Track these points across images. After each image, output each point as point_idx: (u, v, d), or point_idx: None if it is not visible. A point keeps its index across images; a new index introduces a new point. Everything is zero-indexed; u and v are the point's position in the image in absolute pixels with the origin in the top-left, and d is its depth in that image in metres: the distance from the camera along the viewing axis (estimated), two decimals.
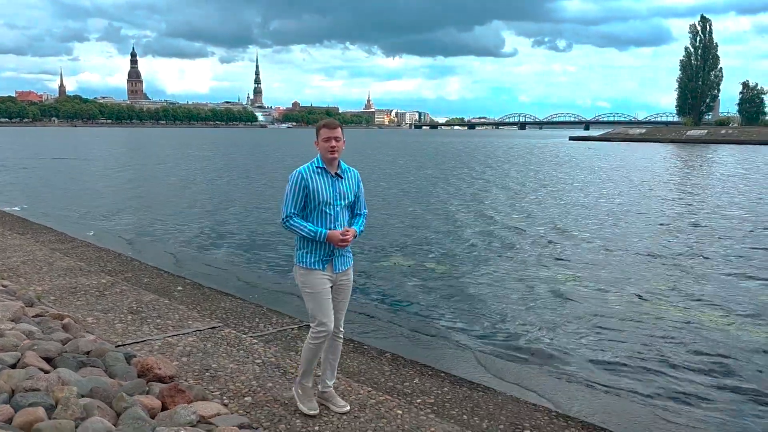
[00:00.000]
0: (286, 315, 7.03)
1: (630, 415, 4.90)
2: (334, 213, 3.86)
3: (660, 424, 4.77)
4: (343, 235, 3.81)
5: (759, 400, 5.17)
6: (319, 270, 3.86)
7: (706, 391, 5.38)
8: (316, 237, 3.80)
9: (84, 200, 19.20)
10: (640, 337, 6.76)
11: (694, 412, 5.01)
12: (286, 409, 4.12)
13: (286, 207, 3.85)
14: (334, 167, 3.90)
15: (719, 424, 4.77)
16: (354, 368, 5.45)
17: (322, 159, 3.88)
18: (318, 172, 3.86)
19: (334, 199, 3.85)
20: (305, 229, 3.81)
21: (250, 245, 12.04)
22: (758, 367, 5.87)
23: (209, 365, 4.86)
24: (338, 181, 3.90)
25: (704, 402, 5.18)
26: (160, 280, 8.32)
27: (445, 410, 4.60)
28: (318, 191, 3.81)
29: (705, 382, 5.59)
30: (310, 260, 3.87)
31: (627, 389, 5.39)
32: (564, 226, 14.60)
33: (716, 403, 5.14)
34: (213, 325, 5.96)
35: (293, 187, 3.83)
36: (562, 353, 6.25)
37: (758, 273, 9.85)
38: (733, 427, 4.75)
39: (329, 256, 3.88)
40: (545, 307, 7.91)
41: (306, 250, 3.88)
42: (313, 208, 3.84)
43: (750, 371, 5.79)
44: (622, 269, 10.08)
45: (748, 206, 18.58)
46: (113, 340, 5.37)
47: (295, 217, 3.84)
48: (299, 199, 3.82)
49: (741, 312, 7.72)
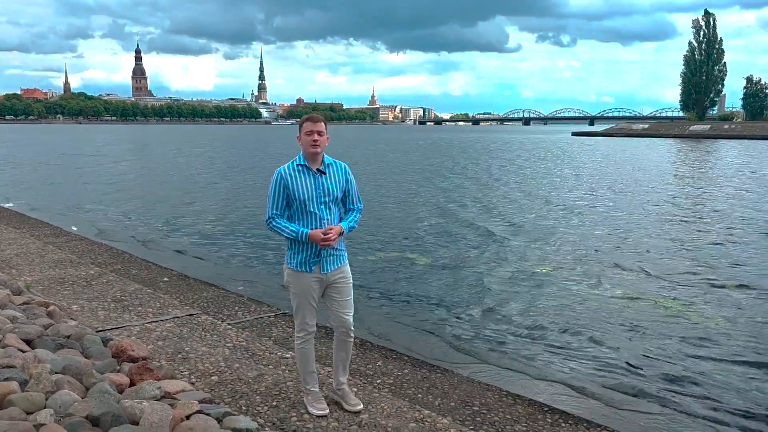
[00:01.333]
0: (264, 303, 7.34)
1: (577, 395, 5.19)
2: (319, 211, 3.75)
3: (605, 401, 5.06)
4: (324, 234, 3.69)
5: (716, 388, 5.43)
6: (305, 272, 3.79)
7: (644, 363, 5.66)
8: (297, 237, 3.73)
9: (84, 196, 19.54)
10: (599, 325, 7.03)
11: (636, 388, 5.28)
12: (248, 387, 4.42)
13: (269, 208, 3.80)
14: (316, 162, 3.79)
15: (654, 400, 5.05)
16: (322, 352, 5.74)
17: (303, 155, 3.79)
18: (299, 170, 3.77)
19: (317, 197, 3.75)
20: (287, 230, 3.74)
21: (240, 239, 12.35)
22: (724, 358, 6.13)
23: (182, 348, 5.16)
24: (321, 178, 3.78)
25: (639, 376, 5.46)
26: (147, 272, 8.64)
27: (401, 389, 4.90)
28: (298, 190, 3.73)
29: (645, 353, 5.87)
30: (296, 261, 3.81)
31: (581, 374, 5.66)
32: (521, 219, 14.87)
33: (648, 372, 5.42)
34: (191, 313, 6.27)
35: (274, 187, 3.78)
36: (524, 340, 6.54)
37: (745, 268, 10.08)
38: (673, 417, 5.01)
39: (317, 256, 3.79)
40: (513, 297, 8.19)
41: (293, 251, 3.82)
42: (296, 209, 3.77)
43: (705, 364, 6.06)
44: (590, 261, 10.34)
45: (735, 200, 18.78)
46: (94, 325, 5.67)
47: (277, 218, 3.78)
48: (280, 199, 3.77)
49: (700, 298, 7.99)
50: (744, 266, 9.97)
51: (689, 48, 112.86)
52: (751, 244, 11.92)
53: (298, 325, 3.96)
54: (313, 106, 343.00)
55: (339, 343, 4.02)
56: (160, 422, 3.47)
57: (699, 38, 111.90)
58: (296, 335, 3.99)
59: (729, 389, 5.33)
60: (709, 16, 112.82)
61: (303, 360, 4.01)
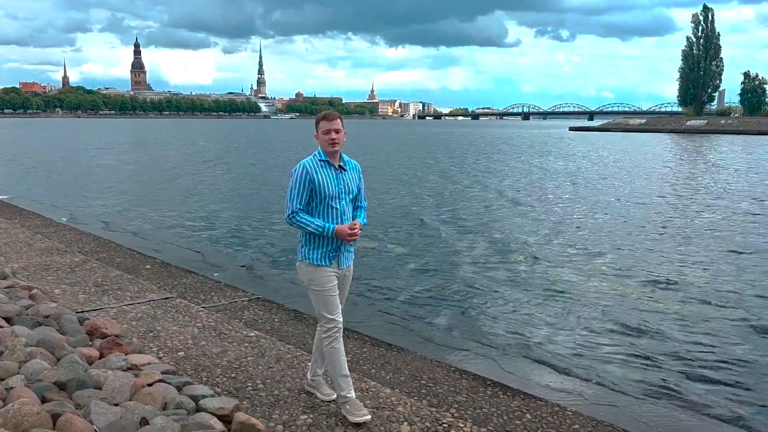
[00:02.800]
0: (240, 289, 7.71)
1: (518, 370, 5.57)
2: (341, 207, 3.75)
3: (543, 376, 5.44)
4: (351, 229, 3.70)
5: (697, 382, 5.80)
6: (326, 266, 3.75)
7: (603, 348, 6.03)
8: (323, 233, 3.67)
9: (77, 188, 19.88)
10: (547, 305, 7.41)
11: (590, 369, 5.65)
12: (211, 361, 4.78)
13: (291, 202, 3.69)
14: (336, 160, 3.78)
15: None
16: (289, 332, 6.13)
17: (323, 152, 3.75)
18: (322, 165, 3.73)
19: (340, 192, 3.74)
20: (313, 225, 3.66)
21: (225, 229, 12.71)
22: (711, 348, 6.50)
23: (154, 327, 5.52)
24: (342, 174, 3.78)
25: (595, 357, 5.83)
26: (131, 260, 9.00)
27: (357, 366, 5.26)
28: (324, 185, 3.69)
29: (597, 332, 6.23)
30: (316, 256, 3.75)
31: (528, 351, 6.04)
32: (474, 211, 15.24)
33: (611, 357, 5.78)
34: (167, 296, 6.62)
35: (298, 181, 3.68)
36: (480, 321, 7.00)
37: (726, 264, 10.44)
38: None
39: (336, 251, 3.77)
40: (474, 282, 8.67)
41: (311, 246, 3.76)
42: (319, 203, 3.71)
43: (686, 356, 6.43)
44: (556, 251, 10.71)
45: (716, 193, 19.14)
46: (74, 307, 6.02)
47: (301, 213, 3.69)
48: (304, 193, 3.68)
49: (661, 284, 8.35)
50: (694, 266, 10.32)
51: (687, 43, 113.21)
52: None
53: (324, 323, 3.81)
54: (312, 101, 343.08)
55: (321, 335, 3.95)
56: (121, 388, 3.83)
57: (697, 33, 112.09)
58: (323, 335, 3.82)
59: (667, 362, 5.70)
60: (708, 11, 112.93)
61: (334, 361, 3.79)
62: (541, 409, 4.57)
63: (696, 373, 5.63)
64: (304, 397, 4.17)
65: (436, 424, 3.85)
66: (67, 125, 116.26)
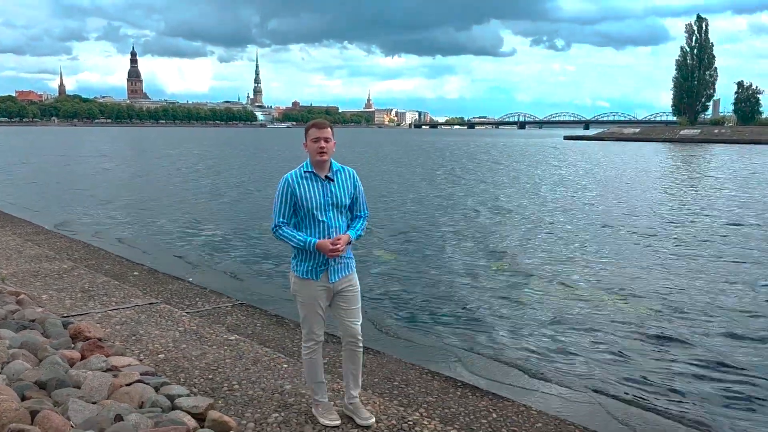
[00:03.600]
0: (224, 295, 7.87)
1: (489, 372, 5.76)
2: (327, 219, 3.67)
3: (514, 378, 5.61)
4: (333, 244, 3.60)
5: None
6: (312, 280, 3.71)
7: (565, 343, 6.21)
8: (305, 247, 3.64)
9: (69, 197, 20.02)
10: (523, 309, 7.60)
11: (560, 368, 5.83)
12: (190, 363, 4.94)
13: (275, 216, 3.70)
14: (324, 170, 3.70)
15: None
16: (269, 337, 6.29)
17: (311, 161, 3.69)
18: (306, 176, 3.67)
19: (325, 204, 3.66)
20: (295, 239, 3.65)
21: (215, 237, 12.88)
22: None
23: (137, 331, 5.68)
24: (329, 185, 3.69)
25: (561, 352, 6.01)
26: (119, 267, 9.15)
27: (333, 368, 5.40)
28: (306, 198, 3.63)
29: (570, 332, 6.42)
30: (303, 269, 3.72)
31: (503, 356, 6.22)
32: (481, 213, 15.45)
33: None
34: (151, 302, 6.79)
35: (280, 194, 3.68)
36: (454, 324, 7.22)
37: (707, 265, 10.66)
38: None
39: (324, 264, 3.70)
40: (453, 285, 8.96)
41: (300, 258, 3.74)
42: (303, 216, 3.67)
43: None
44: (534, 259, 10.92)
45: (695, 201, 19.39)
46: (60, 312, 6.18)
47: (284, 227, 3.68)
48: (287, 207, 3.67)
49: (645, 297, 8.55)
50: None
51: (681, 53, 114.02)
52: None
53: (305, 334, 3.88)
54: (309, 110, 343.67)
55: (348, 354, 3.93)
56: (99, 387, 4.00)
57: (691, 43, 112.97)
58: (303, 345, 3.93)
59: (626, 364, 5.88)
60: (702, 21, 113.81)
61: (311, 370, 3.94)
62: (507, 408, 4.73)
63: (660, 373, 5.82)
64: (277, 396, 4.34)
65: (402, 422, 4.02)
66: (62, 134, 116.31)
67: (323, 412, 3.96)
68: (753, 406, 5.21)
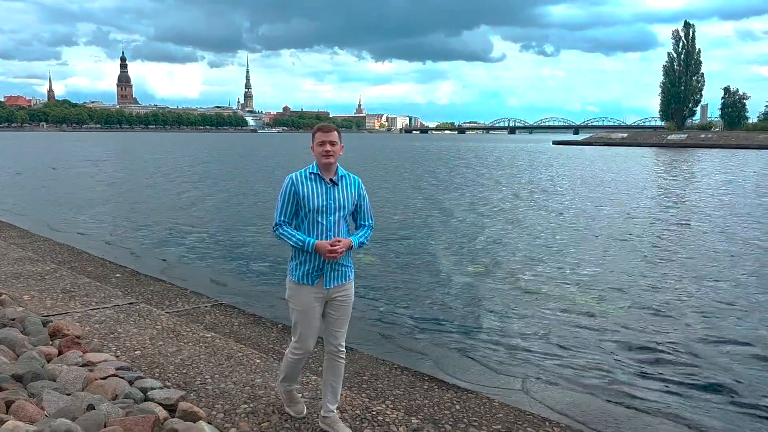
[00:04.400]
0: (204, 295, 8.04)
1: (455, 367, 5.96)
2: (327, 223, 3.63)
3: (472, 371, 5.83)
4: (332, 246, 3.55)
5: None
6: (307, 285, 3.66)
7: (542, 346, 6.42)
8: (303, 247, 3.60)
9: (56, 201, 20.08)
10: (493, 307, 7.81)
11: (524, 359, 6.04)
12: (165, 359, 5.10)
13: (276, 214, 3.69)
14: (330, 173, 3.68)
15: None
16: (245, 335, 6.46)
17: (317, 164, 3.68)
18: (311, 178, 3.67)
19: (327, 207, 3.63)
20: (293, 238, 3.62)
21: (199, 240, 13.02)
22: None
23: (115, 330, 5.83)
24: (333, 189, 3.68)
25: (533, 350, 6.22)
26: (102, 269, 9.29)
27: (306, 364, 5.58)
28: (309, 198, 3.62)
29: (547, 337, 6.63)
30: (299, 273, 3.68)
31: (470, 353, 6.43)
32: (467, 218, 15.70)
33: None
34: (131, 302, 6.93)
35: (283, 193, 3.67)
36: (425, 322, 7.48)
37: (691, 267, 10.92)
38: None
39: (320, 270, 3.65)
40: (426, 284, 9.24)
41: (297, 262, 3.70)
42: (304, 217, 3.65)
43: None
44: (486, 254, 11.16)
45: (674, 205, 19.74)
46: (40, 312, 6.31)
47: (284, 225, 3.66)
48: (289, 206, 3.65)
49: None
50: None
51: (669, 58, 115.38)
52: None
53: (295, 341, 3.80)
54: (300, 115, 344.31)
55: (329, 364, 3.86)
56: (74, 380, 4.16)
57: (678, 49, 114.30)
58: (292, 349, 3.84)
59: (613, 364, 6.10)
60: (689, 28, 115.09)
61: (290, 368, 3.93)
62: (470, 400, 4.94)
63: (620, 365, 6.04)
64: (248, 389, 4.51)
65: (366, 412, 4.22)
66: (51, 139, 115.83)
67: (288, 401, 4.08)
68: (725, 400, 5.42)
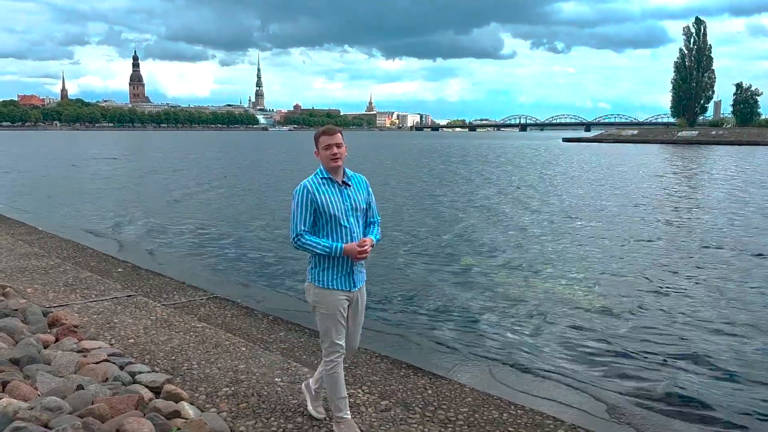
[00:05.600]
0: (201, 289, 8.36)
1: (432, 355, 6.25)
2: (350, 225, 3.62)
3: (445, 359, 6.09)
4: (360, 247, 3.56)
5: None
6: (336, 289, 3.63)
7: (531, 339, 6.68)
8: (332, 252, 3.54)
9: (68, 198, 20.54)
10: (476, 298, 8.07)
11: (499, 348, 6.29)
12: (156, 347, 5.41)
13: (295, 225, 3.58)
14: (339, 175, 3.66)
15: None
16: (236, 325, 6.76)
17: (325, 168, 3.64)
18: (324, 183, 3.62)
19: (346, 210, 3.61)
20: (320, 246, 3.55)
21: (201, 237, 13.37)
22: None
23: (112, 320, 6.15)
24: (347, 190, 3.66)
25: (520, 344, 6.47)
26: (105, 264, 9.64)
27: (291, 352, 5.90)
28: (328, 204, 3.57)
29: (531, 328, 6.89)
30: (327, 279, 3.63)
31: (447, 341, 6.71)
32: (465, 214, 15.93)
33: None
34: (129, 294, 7.26)
35: (300, 202, 3.57)
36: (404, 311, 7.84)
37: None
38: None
39: (349, 272, 3.66)
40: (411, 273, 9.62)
41: (322, 268, 3.64)
42: (325, 223, 3.59)
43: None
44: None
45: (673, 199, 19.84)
46: (42, 303, 6.64)
47: (306, 235, 3.57)
48: (308, 214, 3.57)
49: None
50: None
51: (680, 55, 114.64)
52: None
53: (327, 347, 3.72)
54: (310, 113, 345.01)
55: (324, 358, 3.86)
56: (67, 364, 4.48)
57: (689, 45, 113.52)
58: (325, 359, 3.75)
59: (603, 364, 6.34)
60: (700, 24, 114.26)
61: (334, 385, 3.77)
62: (443, 386, 5.20)
63: (584, 352, 6.28)
64: (230, 374, 4.80)
65: None
66: (64, 138, 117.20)
67: (346, 429, 3.79)
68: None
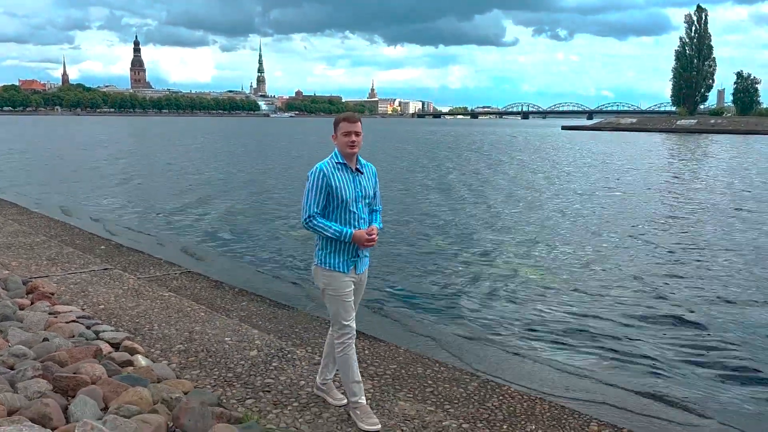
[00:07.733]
0: (176, 264, 8.90)
1: (381, 323, 6.77)
2: (359, 211, 3.73)
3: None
4: (369, 234, 3.69)
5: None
6: (343, 272, 3.73)
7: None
8: (341, 237, 3.65)
9: (63, 181, 21.07)
10: (464, 280, 8.59)
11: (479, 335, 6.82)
12: (123, 311, 5.95)
13: (308, 206, 3.67)
14: (353, 162, 3.75)
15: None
16: (203, 296, 7.29)
17: (341, 154, 3.73)
18: (339, 168, 3.71)
19: (356, 196, 3.72)
20: (330, 230, 3.65)
21: (187, 217, 13.92)
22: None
23: (86, 289, 6.69)
24: (360, 177, 3.78)
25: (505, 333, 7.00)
26: (89, 242, 10.18)
27: (250, 320, 6.43)
28: (341, 188, 3.66)
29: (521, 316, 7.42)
30: (334, 262, 3.73)
31: (396, 313, 7.24)
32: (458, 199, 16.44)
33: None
34: (106, 267, 7.80)
35: (314, 184, 3.65)
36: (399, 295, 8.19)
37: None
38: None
39: (355, 257, 3.76)
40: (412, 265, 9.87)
41: (329, 251, 3.74)
42: (336, 207, 3.68)
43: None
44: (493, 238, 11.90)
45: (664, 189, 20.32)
46: (25, 275, 7.18)
47: (318, 217, 3.67)
48: (321, 197, 3.65)
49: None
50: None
51: (680, 43, 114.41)
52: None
53: (338, 329, 3.78)
54: (312, 99, 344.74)
55: (332, 340, 3.95)
56: (38, 322, 5.04)
57: (690, 33, 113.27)
58: (337, 341, 3.80)
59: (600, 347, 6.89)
60: (702, 12, 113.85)
61: (346, 369, 3.80)
62: (380, 348, 5.73)
63: (565, 330, 6.83)
64: (186, 334, 5.35)
65: (279, 351, 5.02)
66: (65, 123, 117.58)
67: (362, 416, 3.80)
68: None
